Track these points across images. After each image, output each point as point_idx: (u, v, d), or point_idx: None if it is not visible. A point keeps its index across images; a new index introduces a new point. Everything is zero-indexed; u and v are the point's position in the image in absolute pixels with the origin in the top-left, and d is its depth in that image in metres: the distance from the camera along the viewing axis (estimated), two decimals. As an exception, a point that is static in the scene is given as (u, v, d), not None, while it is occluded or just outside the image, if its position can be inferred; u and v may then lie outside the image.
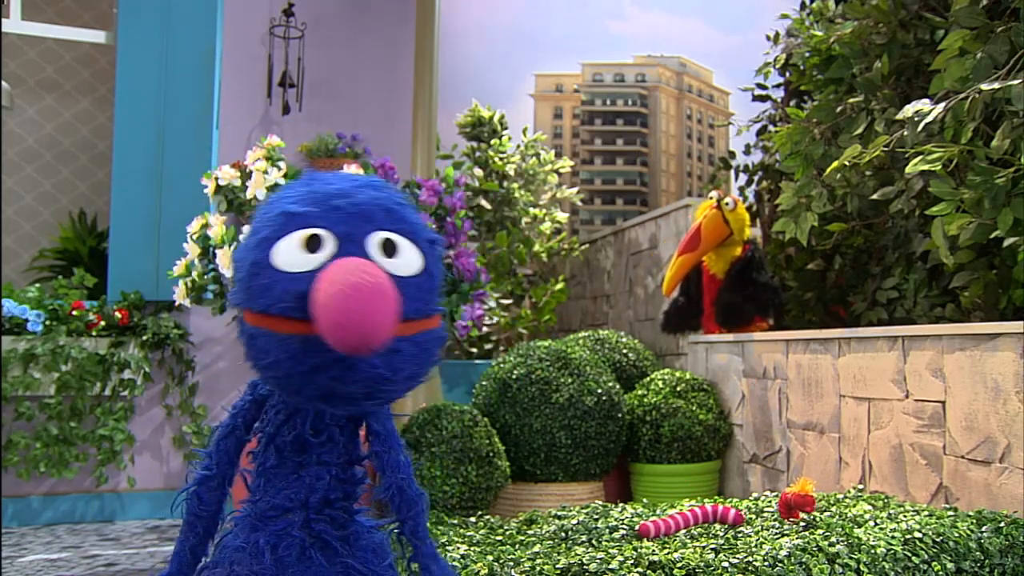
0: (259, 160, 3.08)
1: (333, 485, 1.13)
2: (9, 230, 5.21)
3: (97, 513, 3.73)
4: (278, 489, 1.12)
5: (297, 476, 1.12)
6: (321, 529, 1.11)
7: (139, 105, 3.87)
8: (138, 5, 3.91)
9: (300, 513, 1.11)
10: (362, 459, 1.18)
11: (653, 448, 3.27)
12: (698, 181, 5.58)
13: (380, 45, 4.38)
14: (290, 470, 1.13)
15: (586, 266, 5.07)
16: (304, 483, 1.12)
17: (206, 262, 3.05)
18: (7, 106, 4.72)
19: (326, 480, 1.13)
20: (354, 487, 1.16)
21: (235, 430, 1.22)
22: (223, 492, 1.24)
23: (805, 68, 3.43)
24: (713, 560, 1.60)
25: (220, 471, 1.22)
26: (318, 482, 1.12)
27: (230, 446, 1.22)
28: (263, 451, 1.15)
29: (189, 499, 1.23)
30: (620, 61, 5.53)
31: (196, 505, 1.22)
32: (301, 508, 1.12)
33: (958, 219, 2.25)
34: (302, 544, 1.10)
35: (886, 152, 2.61)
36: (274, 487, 1.13)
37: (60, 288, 3.75)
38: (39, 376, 3.54)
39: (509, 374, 3.19)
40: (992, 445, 2.12)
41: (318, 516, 1.12)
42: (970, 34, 2.36)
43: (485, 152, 4.55)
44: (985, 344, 2.15)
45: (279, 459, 1.13)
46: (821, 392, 2.80)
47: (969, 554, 1.75)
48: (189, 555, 1.24)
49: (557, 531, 1.97)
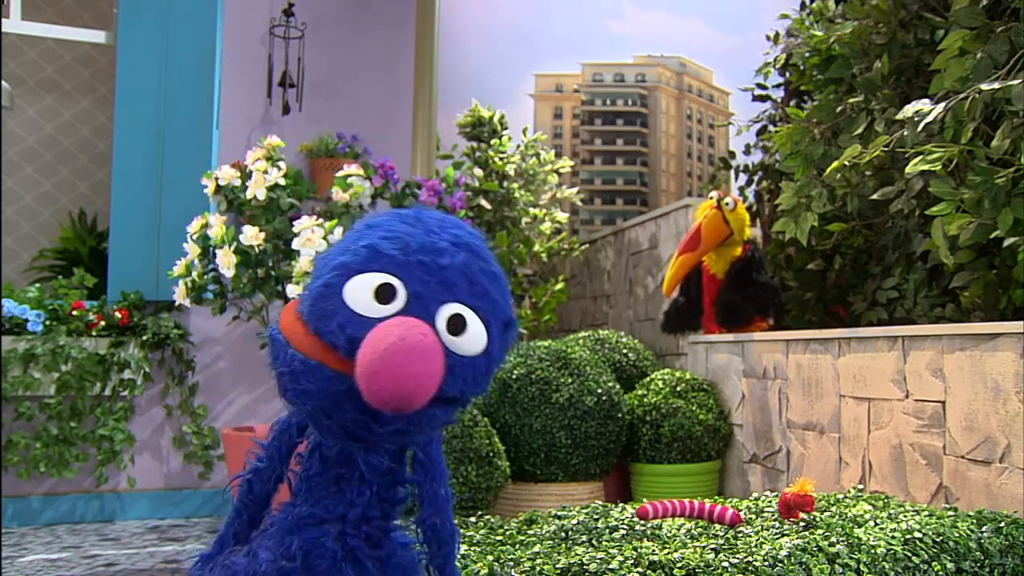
0: (259, 160, 3.08)
1: (373, 503, 1.11)
2: (9, 230, 5.21)
3: (97, 513, 3.73)
4: (318, 498, 1.11)
5: (338, 488, 1.11)
6: (355, 545, 1.09)
7: (139, 105, 3.87)
8: (138, 5, 3.91)
9: (336, 526, 1.09)
10: (406, 482, 1.15)
11: (653, 448, 3.28)
12: (698, 181, 5.58)
13: (380, 45, 4.38)
14: (331, 481, 1.11)
15: (586, 266, 5.07)
16: (344, 497, 1.10)
17: (206, 262, 3.05)
18: (7, 106, 4.73)
19: (366, 496, 1.11)
20: (394, 507, 1.14)
21: (289, 428, 1.21)
22: (273, 487, 1.23)
23: (805, 68, 3.43)
24: (713, 560, 1.60)
25: (271, 465, 1.21)
26: (358, 498, 1.10)
27: (284, 443, 1.21)
28: (308, 457, 1.14)
29: (241, 486, 1.23)
30: (620, 61, 5.53)
31: (246, 494, 1.22)
32: (338, 521, 1.10)
33: (958, 219, 2.25)
34: (334, 556, 1.08)
35: (886, 152, 2.61)
36: (314, 495, 1.11)
37: (60, 288, 3.75)
38: (39, 376, 3.54)
39: (509, 374, 3.19)
40: (992, 445, 2.12)
41: (354, 532, 1.10)
42: (970, 34, 2.36)
43: (485, 152, 4.55)
44: (985, 344, 2.15)
45: (323, 467, 1.12)
46: (821, 392, 2.80)
47: (969, 554, 1.75)
48: (232, 541, 1.24)
49: (557, 531, 1.97)
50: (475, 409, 3.12)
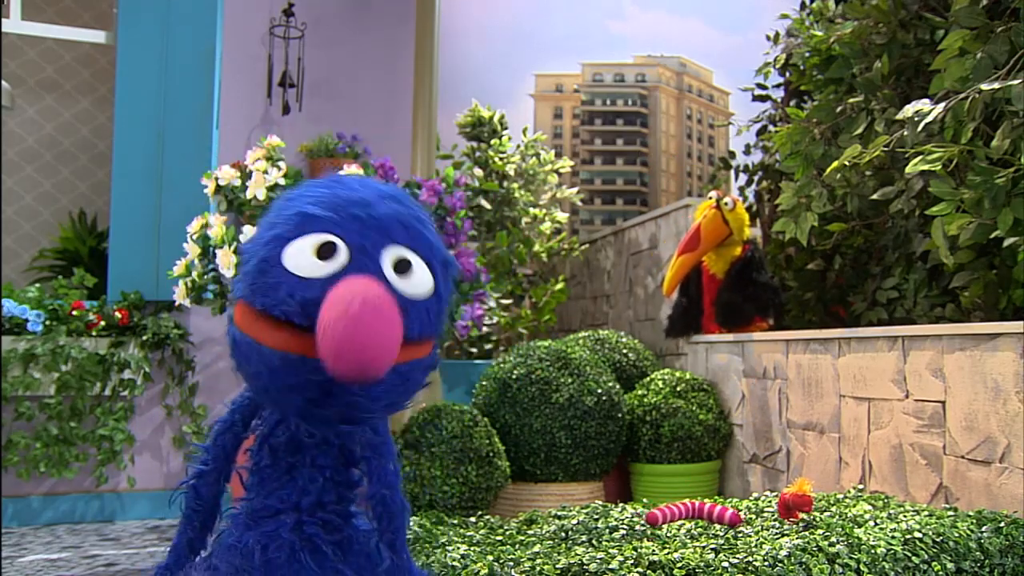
0: (259, 160, 3.08)
1: (327, 488, 1.11)
2: (9, 230, 5.21)
3: (97, 513, 3.73)
4: (271, 490, 1.11)
5: (290, 477, 1.10)
6: (312, 532, 1.09)
7: (139, 105, 3.87)
8: (138, 5, 3.91)
9: (292, 515, 1.09)
10: (358, 462, 1.15)
11: (653, 448, 3.28)
12: (698, 181, 5.58)
13: (380, 45, 4.38)
14: (283, 471, 1.11)
15: (586, 266, 5.07)
16: (297, 485, 1.10)
17: (206, 262, 3.05)
18: (7, 106, 4.73)
19: (319, 483, 1.10)
20: (349, 490, 1.14)
21: (233, 426, 1.21)
22: (220, 488, 1.23)
23: (805, 68, 3.43)
24: (713, 560, 1.60)
25: (217, 466, 1.21)
26: (311, 484, 1.10)
27: (227, 442, 1.21)
28: (258, 450, 1.14)
29: (187, 493, 1.22)
30: (620, 61, 5.53)
31: (193, 499, 1.22)
32: (293, 510, 1.09)
33: (958, 219, 2.25)
34: (292, 546, 1.08)
35: (886, 152, 2.61)
36: (267, 487, 1.11)
37: (60, 288, 3.75)
38: (39, 376, 3.54)
39: (509, 374, 3.19)
40: (992, 445, 2.12)
41: (310, 519, 1.10)
42: (970, 34, 2.36)
43: (485, 152, 4.55)
44: (985, 344, 2.15)
45: (273, 459, 1.12)
46: (821, 392, 2.80)
47: (969, 554, 1.75)
48: (186, 548, 1.24)
49: (557, 531, 1.97)
50: (475, 409, 3.12)
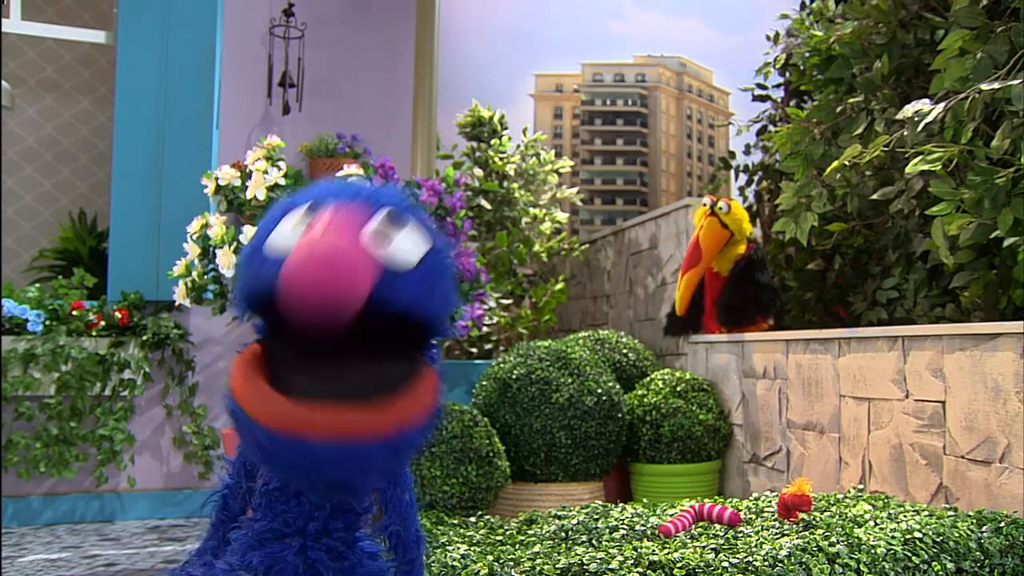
0: (259, 160, 3.08)
1: (334, 514, 1.09)
2: (9, 230, 5.21)
3: (97, 513, 3.73)
4: (277, 512, 1.09)
5: (298, 502, 1.08)
6: (316, 558, 1.07)
7: (139, 105, 3.87)
8: (138, 5, 3.91)
9: (297, 539, 1.07)
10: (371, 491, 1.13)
11: (653, 448, 3.28)
12: (698, 181, 5.58)
13: (380, 45, 4.38)
14: (291, 494, 1.09)
15: (586, 266, 5.07)
16: (303, 509, 1.08)
17: (206, 262, 3.05)
18: (7, 106, 4.72)
19: (326, 509, 1.08)
20: (356, 518, 1.11)
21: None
22: (246, 503, 1.21)
23: (805, 68, 3.43)
24: (713, 560, 1.60)
25: (239, 481, 1.20)
26: (317, 510, 1.08)
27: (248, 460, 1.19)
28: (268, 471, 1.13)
29: (216, 503, 1.22)
30: (620, 61, 5.53)
31: (221, 510, 1.21)
32: (298, 535, 1.07)
33: (958, 219, 2.25)
34: (296, 571, 1.06)
35: (886, 152, 2.61)
36: (274, 509, 1.09)
37: (60, 288, 3.75)
38: (39, 376, 3.54)
39: (509, 374, 3.19)
40: (992, 445, 2.12)
41: (315, 544, 1.07)
42: (970, 34, 2.36)
43: (485, 152, 4.55)
44: (985, 344, 2.15)
45: (282, 481, 1.09)
46: (821, 392, 2.80)
47: (969, 554, 1.75)
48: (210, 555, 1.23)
49: (557, 531, 1.97)
50: (475, 409, 3.12)
